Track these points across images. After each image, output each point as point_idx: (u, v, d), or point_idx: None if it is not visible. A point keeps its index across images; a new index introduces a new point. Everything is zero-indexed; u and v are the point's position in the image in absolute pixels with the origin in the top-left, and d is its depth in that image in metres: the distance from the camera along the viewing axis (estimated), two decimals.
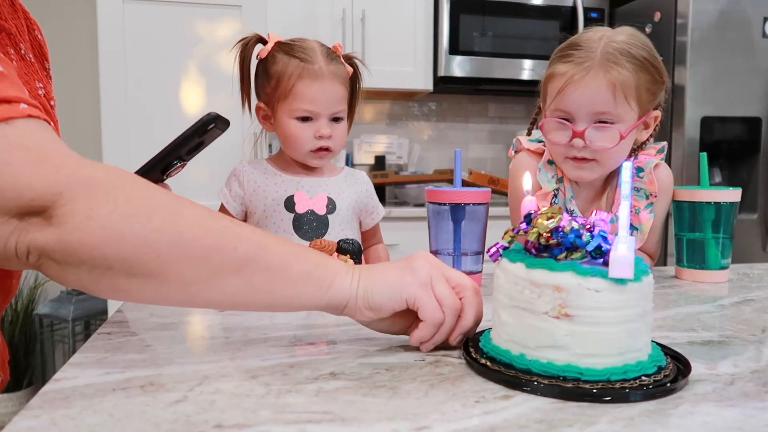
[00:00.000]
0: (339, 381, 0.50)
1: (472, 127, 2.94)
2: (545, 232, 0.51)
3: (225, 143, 2.00)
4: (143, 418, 0.42)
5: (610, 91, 0.90)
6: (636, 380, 0.48)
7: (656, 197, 1.00)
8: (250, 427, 0.41)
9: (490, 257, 0.57)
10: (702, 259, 0.99)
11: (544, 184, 1.01)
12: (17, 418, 0.42)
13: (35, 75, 0.68)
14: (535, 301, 0.50)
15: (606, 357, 0.48)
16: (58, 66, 2.57)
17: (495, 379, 0.50)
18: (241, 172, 1.12)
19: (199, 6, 2.02)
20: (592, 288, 0.47)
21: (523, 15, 2.52)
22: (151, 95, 1.98)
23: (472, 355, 0.54)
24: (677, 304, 0.83)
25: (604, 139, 0.93)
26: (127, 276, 0.50)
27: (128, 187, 0.51)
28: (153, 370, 0.53)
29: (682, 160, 2.20)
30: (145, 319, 0.71)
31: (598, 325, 0.48)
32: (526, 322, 0.50)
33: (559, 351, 0.49)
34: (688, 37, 2.17)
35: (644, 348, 0.51)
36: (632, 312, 0.49)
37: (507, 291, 0.52)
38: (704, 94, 2.19)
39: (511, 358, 0.51)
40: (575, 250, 0.50)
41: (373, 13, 2.40)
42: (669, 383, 0.48)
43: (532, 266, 0.50)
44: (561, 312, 0.48)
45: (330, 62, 1.06)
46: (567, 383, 0.47)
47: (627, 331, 0.49)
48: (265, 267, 0.54)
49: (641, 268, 0.50)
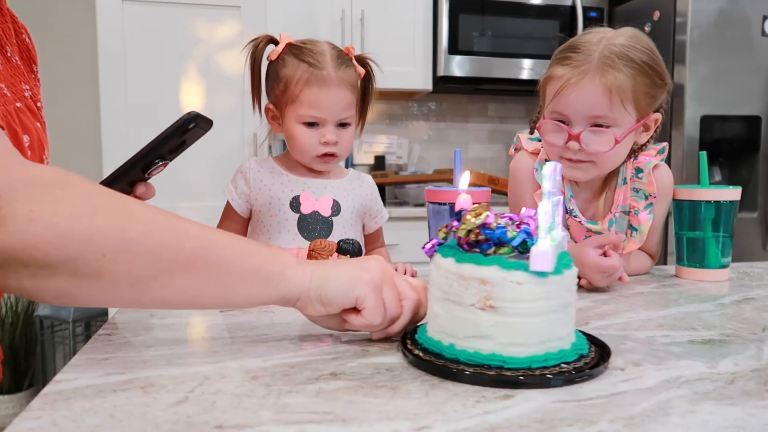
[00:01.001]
0: (340, 381, 0.50)
1: (472, 126, 2.94)
2: (474, 229, 0.54)
3: (226, 144, 2.01)
4: (144, 419, 0.42)
5: (606, 96, 0.90)
6: (556, 367, 0.51)
7: (655, 198, 1.01)
8: (250, 427, 0.41)
9: (426, 252, 0.59)
10: (702, 258, 0.99)
11: (542, 183, 1.01)
12: (18, 420, 0.42)
13: (21, 77, 0.68)
14: (462, 293, 0.52)
15: (528, 346, 0.51)
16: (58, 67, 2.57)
17: (425, 369, 0.53)
18: (248, 169, 1.12)
19: (199, 6, 2.02)
20: (515, 281, 0.50)
21: (523, 14, 2.52)
22: (151, 95, 1.98)
23: (407, 346, 0.57)
24: (677, 303, 0.83)
25: (600, 142, 0.92)
26: (72, 277, 0.49)
27: (71, 188, 0.51)
28: (154, 371, 0.53)
29: (681, 159, 2.20)
30: (146, 320, 0.71)
31: (520, 315, 0.51)
32: (455, 313, 0.53)
33: (485, 341, 0.51)
34: (687, 35, 2.17)
35: (566, 337, 0.54)
36: (553, 303, 0.52)
37: (439, 285, 0.55)
38: (704, 93, 2.19)
39: (442, 349, 0.54)
40: (503, 246, 0.53)
41: (372, 13, 2.40)
42: (587, 369, 0.51)
43: (461, 261, 0.53)
44: (486, 304, 0.51)
45: (339, 67, 1.05)
46: (490, 371, 0.50)
47: (548, 322, 0.52)
48: (214, 263, 0.54)
49: (564, 262, 0.53)
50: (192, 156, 2.11)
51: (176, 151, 0.77)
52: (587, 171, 0.96)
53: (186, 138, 0.74)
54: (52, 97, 2.42)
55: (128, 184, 0.78)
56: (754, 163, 2.30)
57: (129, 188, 0.79)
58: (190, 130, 0.72)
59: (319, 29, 2.33)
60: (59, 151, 2.66)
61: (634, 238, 1.02)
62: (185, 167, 2.01)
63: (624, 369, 0.54)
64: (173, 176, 2.03)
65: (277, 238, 1.07)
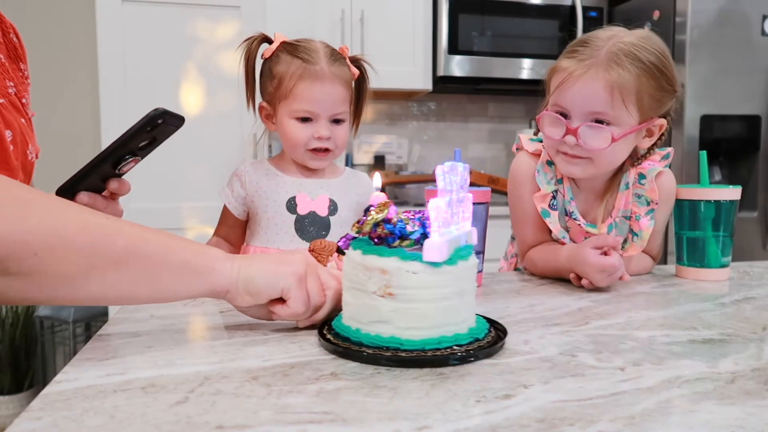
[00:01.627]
0: (340, 381, 0.50)
1: (472, 126, 2.94)
2: (380, 223, 0.59)
3: (226, 144, 2.01)
4: (144, 420, 0.42)
5: (607, 92, 0.89)
6: (448, 349, 0.56)
7: (657, 204, 1.00)
8: (251, 427, 0.41)
9: (340, 245, 0.64)
10: (702, 258, 0.99)
11: (542, 185, 1.00)
12: (18, 420, 0.42)
13: (6, 74, 0.69)
14: (366, 282, 0.57)
15: (423, 329, 0.56)
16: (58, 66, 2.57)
17: (330, 351, 0.58)
18: (243, 172, 1.12)
19: (198, 6, 2.02)
20: (411, 270, 0.55)
21: (522, 14, 2.52)
22: (151, 95, 1.98)
23: (323, 332, 0.62)
24: (677, 302, 0.83)
25: (597, 139, 0.91)
26: (5, 276, 0.50)
27: (5, 190, 0.51)
28: (154, 371, 0.53)
29: (681, 158, 2.20)
30: (146, 321, 0.71)
31: (415, 302, 0.56)
32: (360, 301, 0.58)
33: (385, 325, 0.57)
34: (687, 35, 2.17)
35: (463, 322, 0.59)
36: (447, 291, 0.57)
37: (348, 274, 0.60)
38: (704, 93, 2.19)
39: (350, 333, 0.59)
40: (405, 239, 0.58)
41: (372, 13, 2.40)
42: (474, 350, 0.56)
43: (366, 252, 0.58)
44: (386, 291, 0.56)
45: (333, 63, 1.06)
46: (387, 352, 0.55)
47: (442, 308, 0.57)
48: (145, 258, 0.56)
49: (461, 254, 0.58)
50: (192, 156, 2.11)
51: (148, 148, 0.77)
52: (583, 168, 0.95)
53: (156, 134, 0.74)
54: (52, 97, 2.42)
55: (101, 180, 0.79)
56: (754, 162, 2.30)
57: (102, 184, 0.79)
58: (159, 126, 0.72)
59: (319, 29, 2.33)
60: (59, 151, 2.66)
61: (635, 242, 1.01)
62: (186, 167, 2.01)
63: (624, 369, 0.54)
64: (174, 177, 2.03)
65: (274, 239, 1.07)
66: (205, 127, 2.00)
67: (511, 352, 0.59)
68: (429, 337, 0.56)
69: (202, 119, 2.01)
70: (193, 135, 2.00)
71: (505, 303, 0.81)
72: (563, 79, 0.92)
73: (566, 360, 0.56)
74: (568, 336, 0.64)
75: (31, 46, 2.63)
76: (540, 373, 0.52)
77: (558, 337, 0.64)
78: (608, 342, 0.62)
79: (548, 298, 0.84)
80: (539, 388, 0.49)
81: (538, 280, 0.99)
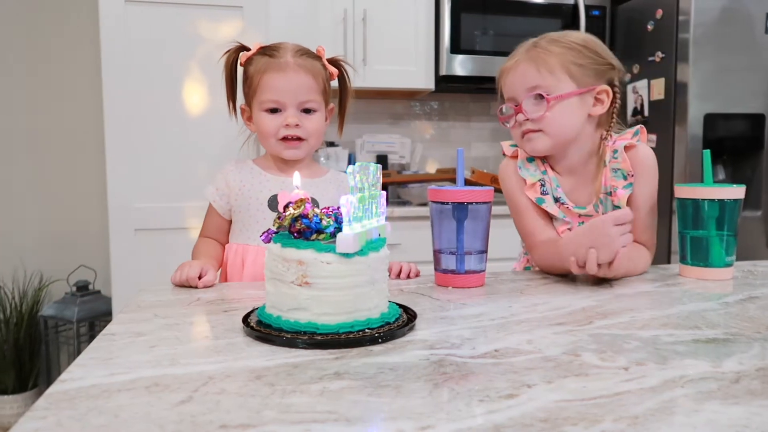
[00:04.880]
0: (343, 381, 0.50)
1: (475, 125, 2.94)
2: (297, 217, 0.64)
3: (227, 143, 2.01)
4: (148, 419, 0.42)
5: (532, 67, 1.03)
6: (360, 332, 0.62)
7: (633, 176, 1.04)
8: (255, 427, 0.41)
9: (262, 240, 0.68)
10: (706, 257, 0.99)
11: (527, 177, 1.09)
12: (23, 420, 0.42)
13: None
14: (285, 273, 0.63)
15: (337, 315, 0.62)
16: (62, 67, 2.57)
17: (253, 336, 0.62)
18: (228, 171, 1.15)
19: (201, 7, 2.02)
20: (324, 261, 0.61)
21: (525, 13, 2.51)
22: (154, 95, 1.98)
23: (247, 320, 0.66)
24: (681, 302, 0.83)
25: (538, 106, 1.03)
26: None
27: None
28: (158, 370, 0.53)
29: (684, 157, 2.19)
30: (150, 320, 0.71)
31: (329, 290, 0.61)
32: (280, 290, 0.63)
33: (303, 312, 0.62)
34: (690, 33, 2.16)
35: (375, 308, 0.64)
36: (359, 279, 0.62)
37: (270, 266, 0.65)
38: (707, 91, 2.19)
39: (271, 320, 0.64)
40: (321, 233, 0.63)
41: (374, 12, 2.40)
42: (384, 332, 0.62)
43: (285, 245, 0.63)
44: (303, 281, 0.61)
45: (299, 56, 1.09)
46: (304, 336, 0.60)
47: (355, 295, 0.62)
48: None
49: (373, 246, 0.64)
50: (194, 156, 2.10)
51: None
52: (538, 140, 1.05)
53: None
54: (55, 98, 2.42)
55: None
56: (758, 161, 2.30)
57: None
58: None
59: (321, 29, 2.33)
60: (63, 152, 2.66)
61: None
62: (188, 167, 2.01)
63: (628, 368, 0.54)
64: (177, 177, 2.03)
65: (255, 237, 1.09)
66: (207, 127, 2.01)
67: (514, 351, 0.59)
68: (343, 322, 0.62)
69: (204, 119, 2.01)
70: (196, 135, 2.01)
71: (509, 302, 0.81)
72: (500, 74, 1.10)
73: (569, 360, 0.56)
74: (571, 335, 0.64)
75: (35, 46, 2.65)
76: (543, 373, 0.52)
77: (561, 337, 0.64)
78: (612, 341, 0.62)
79: (551, 298, 0.84)
80: (543, 388, 0.49)
81: (541, 279, 0.99)
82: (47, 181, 2.46)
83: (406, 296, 0.85)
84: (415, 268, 1.02)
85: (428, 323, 0.70)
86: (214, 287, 0.92)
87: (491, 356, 0.57)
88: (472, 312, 0.76)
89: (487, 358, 0.56)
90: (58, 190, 2.46)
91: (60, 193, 2.46)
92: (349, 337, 0.61)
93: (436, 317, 0.73)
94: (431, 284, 0.94)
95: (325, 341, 0.60)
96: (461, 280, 0.91)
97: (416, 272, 1.01)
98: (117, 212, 1.97)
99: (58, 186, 2.46)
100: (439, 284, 0.93)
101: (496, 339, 0.63)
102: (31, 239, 2.45)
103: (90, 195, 2.47)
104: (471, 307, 0.79)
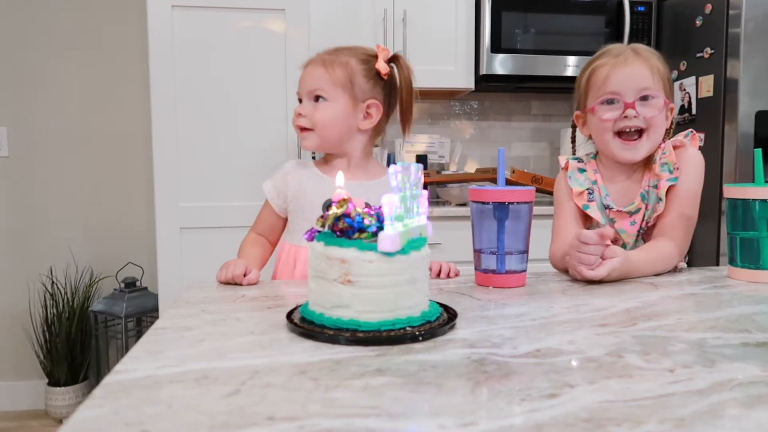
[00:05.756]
0: (385, 377, 0.51)
1: (515, 125, 2.91)
2: (341, 217, 0.65)
3: (270, 145, 2.05)
4: (199, 410, 0.44)
5: (648, 71, 1.07)
6: (401, 330, 0.63)
7: (678, 170, 1.07)
8: (300, 419, 0.42)
9: (305, 238, 0.69)
10: (756, 259, 0.96)
11: (574, 186, 1.14)
12: (82, 408, 0.45)
13: None
14: (328, 270, 0.64)
15: (379, 313, 0.63)
16: (111, 70, 2.65)
17: (296, 332, 0.64)
18: (289, 170, 1.16)
19: (244, 10, 2.06)
20: (367, 259, 0.62)
21: (567, 11, 2.47)
22: (200, 97, 2.03)
23: (291, 317, 0.68)
24: (730, 304, 0.80)
25: (651, 108, 1.06)
26: None
27: None
28: (206, 364, 0.55)
29: (735, 156, 2.12)
30: (197, 316, 0.73)
31: (372, 288, 0.62)
32: (323, 287, 0.65)
33: (345, 309, 0.63)
34: (741, 28, 2.09)
35: (416, 306, 0.65)
36: (400, 278, 0.63)
37: (313, 264, 0.67)
38: (758, 88, 2.11)
39: (314, 317, 0.65)
40: (363, 231, 0.64)
41: (414, 12, 2.40)
42: (425, 331, 0.63)
43: (329, 244, 0.64)
44: (345, 279, 0.63)
45: (329, 53, 1.13)
46: (346, 333, 0.62)
47: (396, 293, 0.63)
48: None
49: (415, 245, 0.65)
50: (238, 157, 2.15)
51: None
52: (639, 149, 1.07)
53: None
54: (105, 99, 2.51)
55: None
56: None
57: None
58: None
59: (362, 30, 2.35)
60: (112, 152, 2.75)
61: (660, 207, 1.07)
62: (232, 168, 2.06)
63: (673, 370, 0.53)
64: (221, 177, 2.08)
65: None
66: (251, 128, 2.05)
67: (556, 351, 0.59)
68: (384, 320, 0.63)
69: (248, 121, 2.05)
70: (240, 136, 2.05)
71: (550, 303, 0.80)
72: (608, 71, 1.07)
73: (613, 360, 0.56)
74: (614, 337, 0.64)
75: (86, 50, 2.74)
76: (586, 374, 0.52)
77: (604, 338, 0.63)
78: (656, 343, 0.61)
79: (593, 299, 0.83)
80: (585, 388, 0.48)
81: (583, 280, 0.98)
82: (97, 180, 2.55)
83: (447, 295, 0.85)
84: (455, 268, 1.02)
85: (469, 322, 0.70)
86: (258, 285, 0.94)
87: (532, 356, 0.57)
88: (513, 312, 0.75)
89: (528, 358, 0.56)
90: (107, 189, 2.55)
91: (109, 192, 2.55)
92: (390, 335, 0.62)
93: (476, 316, 0.73)
94: (471, 284, 0.94)
95: (366, 338, 0.61)
96: (502, 280, 0.91)
97: (456, 272, 1.01)
98: (163, 211, 2.02)
99: (107, 185, 2.55)
100: (480, 284, 0.93)
101: (537, 339, 0.63)
102: (82, 237, 2.55)
103: (138, 194, 2.55)
104: (512, 307, 0.78)
